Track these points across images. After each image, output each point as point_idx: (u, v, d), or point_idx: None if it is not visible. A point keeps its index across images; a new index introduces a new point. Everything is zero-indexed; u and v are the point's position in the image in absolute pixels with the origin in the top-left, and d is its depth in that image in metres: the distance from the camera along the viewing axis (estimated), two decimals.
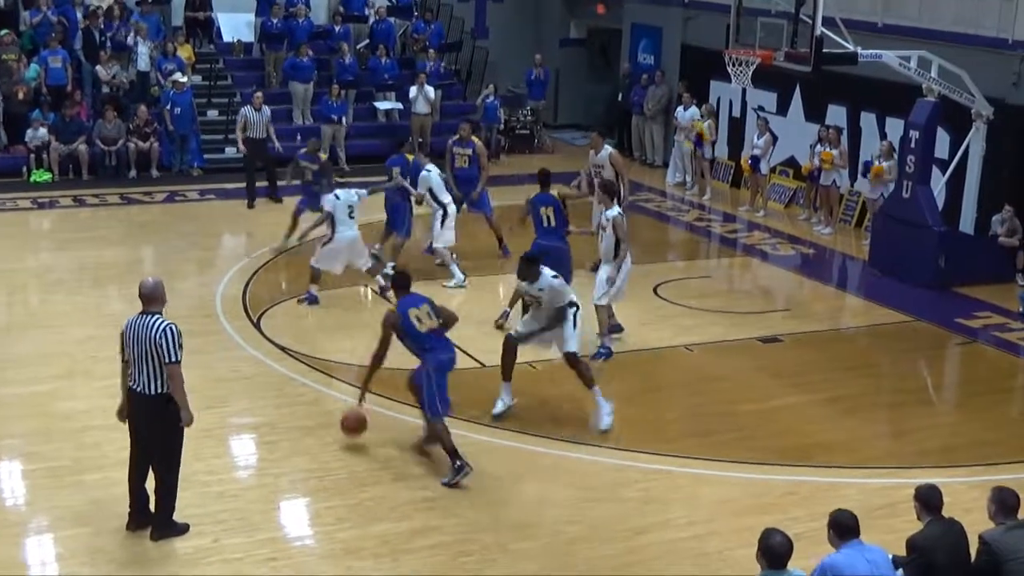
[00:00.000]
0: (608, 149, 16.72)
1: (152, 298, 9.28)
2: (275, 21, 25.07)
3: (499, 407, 12.15)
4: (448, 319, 11.19)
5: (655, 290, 16.46)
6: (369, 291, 16.03)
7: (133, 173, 22.35)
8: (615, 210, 13.90)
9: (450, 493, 10.47)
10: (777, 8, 17.28)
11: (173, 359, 9.10)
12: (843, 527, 7.47)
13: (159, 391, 9.15)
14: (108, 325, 12.87)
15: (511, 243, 16.84)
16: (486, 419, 12.00)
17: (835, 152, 19.91)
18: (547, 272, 11.98)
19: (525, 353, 13.64)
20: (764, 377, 13.70)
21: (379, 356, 10.94)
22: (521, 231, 15.36)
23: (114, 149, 22.16)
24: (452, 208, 16.50)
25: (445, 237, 16.50)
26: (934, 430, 12.55)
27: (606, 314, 14.00)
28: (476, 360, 13.60)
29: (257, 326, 13.93)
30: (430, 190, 16.38)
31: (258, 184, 20.57)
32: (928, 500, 7.94)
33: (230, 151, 23.09)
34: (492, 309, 15.11)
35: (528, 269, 11.98)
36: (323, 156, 15.12)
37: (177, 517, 9.54)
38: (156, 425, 9.26)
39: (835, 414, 12.71)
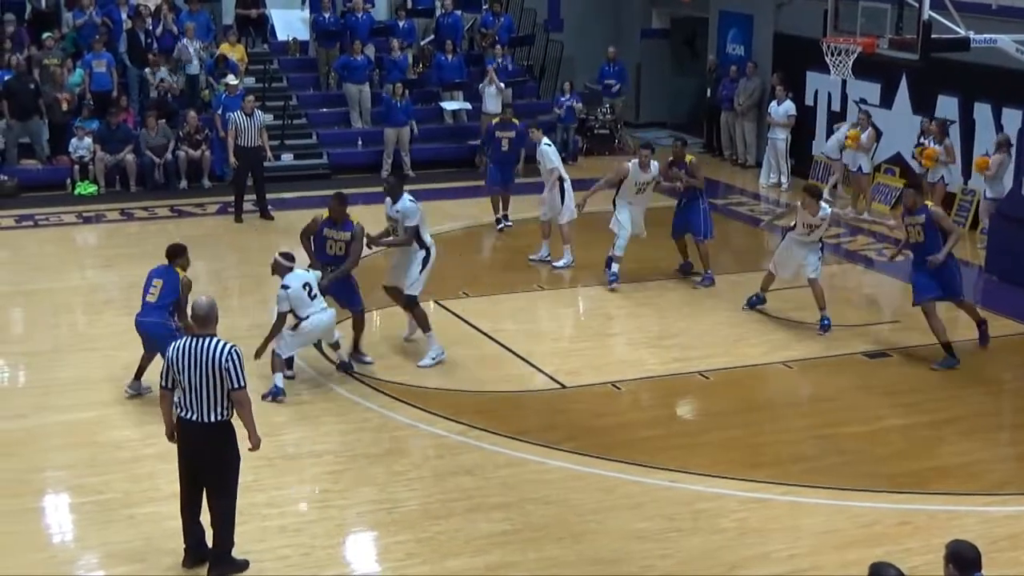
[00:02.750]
0: (656, 166, 16.91)
1: (208, 319, 9.42)
2: (327, 16, 25.26)
3: (427, 361, 13.97)
4: None
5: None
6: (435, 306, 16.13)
7: (184, 184, 22.62)
8: (826, 209, 15.32)
9: (529, 525, 10.46)
10: None
11: (240, 384, 9.24)
12: (963, 560, 7.35)
13: (219, 418, 9.25)
14: None
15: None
16: (566, 444, 12.00)
17: (939, 148, 19.65)
18: (407, 196, 13.77)
19: (610, 373, 13.68)
20: (871, 396, 13.55)
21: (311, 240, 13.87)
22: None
23: (163, 159, 22.45)
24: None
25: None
26: None
27: (820, 287, 15.48)
28: (556, 381, 13.65)
29: (318, 346, 14.01)
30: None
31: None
32: None
33: (286, 158, 23.30)
34: (574, 325, 15.06)
35: (396, 187, 13.89)
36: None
37: (236, 553, 9.62)
38: (214, 456, 9.35)
39: (951, 436, 12.54)
